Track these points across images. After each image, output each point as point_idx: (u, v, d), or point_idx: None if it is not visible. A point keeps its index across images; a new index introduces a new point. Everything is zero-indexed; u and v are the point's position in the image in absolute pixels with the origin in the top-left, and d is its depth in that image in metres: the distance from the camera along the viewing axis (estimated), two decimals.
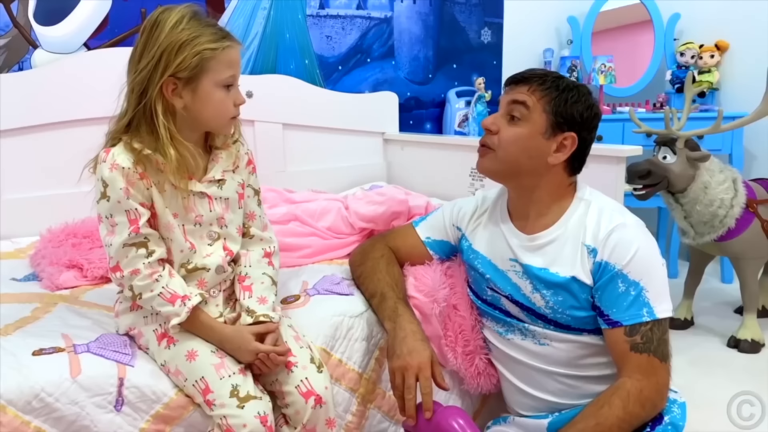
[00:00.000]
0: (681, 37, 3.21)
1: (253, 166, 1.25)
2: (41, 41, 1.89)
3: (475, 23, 2.95)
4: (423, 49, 2.79)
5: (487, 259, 1.33)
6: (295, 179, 2.34)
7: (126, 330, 1.15)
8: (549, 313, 1.23)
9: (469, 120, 2.78)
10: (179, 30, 1.03)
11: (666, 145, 2.11)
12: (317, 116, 2.42)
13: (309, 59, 2.46)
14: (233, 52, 1.08)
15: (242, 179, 1.20)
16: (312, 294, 1.38)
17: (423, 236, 1.45)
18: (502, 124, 1.21)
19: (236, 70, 1.09)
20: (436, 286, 1.40)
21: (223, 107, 1.09)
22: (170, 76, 1.03)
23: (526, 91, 1.19)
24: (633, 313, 1.12)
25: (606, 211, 1.19)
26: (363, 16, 2.57)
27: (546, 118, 1.18)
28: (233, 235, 1.19)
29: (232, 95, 1.10)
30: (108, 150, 1.07)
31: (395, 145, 2.62)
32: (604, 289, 1.15)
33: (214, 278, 1.16)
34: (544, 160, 1.19)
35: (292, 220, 1.69)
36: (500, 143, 1.20)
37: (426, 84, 2.83)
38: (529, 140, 1.18)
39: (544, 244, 1.23)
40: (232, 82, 1.09)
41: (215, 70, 1.05)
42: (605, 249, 1.15)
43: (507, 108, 1.21)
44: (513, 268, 1.28)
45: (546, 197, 1.23)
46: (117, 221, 1.06)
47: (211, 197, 1.15)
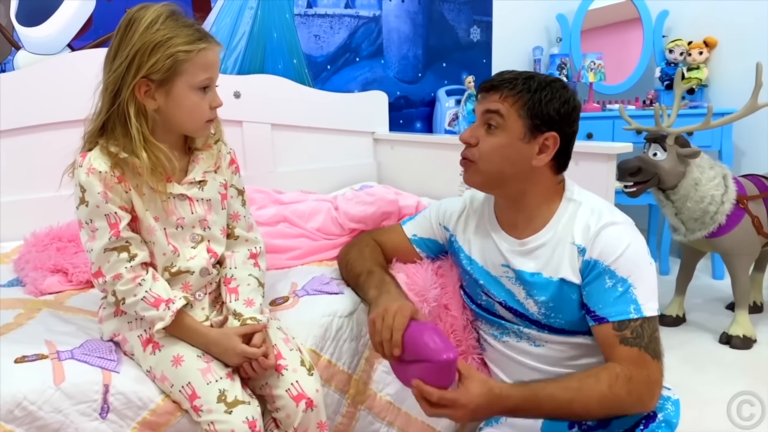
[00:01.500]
0: (669, 34, 3.21)
1: (236, 165, 1.24)
2: (24, 42, 1.85)
3: (464, 21, 2.94)
4: (412, 48, 2.78)
5: (479, 265, 1.31)
6: (284, 180, 2.32)
7: (110, 336, 1.13)
8: (542, 319, 1.22)
9: (459, 119, 2.77)
10: (154, 30, 1.01)
11: (656, 142, 2.11)
12: (306, 116, 2.41)
13: (297, 59, 2.44)
14: (209, 54, 1.05)
15: (224, 179, 1.18)
16: (301, 295, 1.36)
17: (409, 234, 1.43)
18: (480, 135, 1.19)
19: (212, 72, 1.07)
20: (426, 285, 1.39)
21: (197, 111, 1.07)
22: (143, 77, 1.01)
23: (498, 98, 1.16)
24: (620, 309, 1.10)
25: (595, 210, 1.18)
26: (351, 15, 2.56)
27: (522, 123, 1.15)
28: (217, 236, 1.17)
29: (209, 98, 1.08)
30: (84, 154, 1.05)
31: (385, 144, 2.60)
32: (591, 285, 1.14)
33: (199, 281, 1.14)
34: (528, 164, 1.17)
35: (281, 221, 1.67)
36: (480, 155, 1.18)
37: (415, 83, 2.82)
38: (508, 148, 1.16)
39: (535, 248, 1.22)
40: (207, 85, 1.06)
41: (189, 72, 1.03)
42: (594, 247, 1.14)
43: (482, 118, 1.19)
44: (506, 274, 1.26)
45: (535, 201, 1.22)
46: (97, 226, 1.04)
47: (192, 199, 1.13)
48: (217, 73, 1.09)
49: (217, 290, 1.19)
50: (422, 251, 1.44)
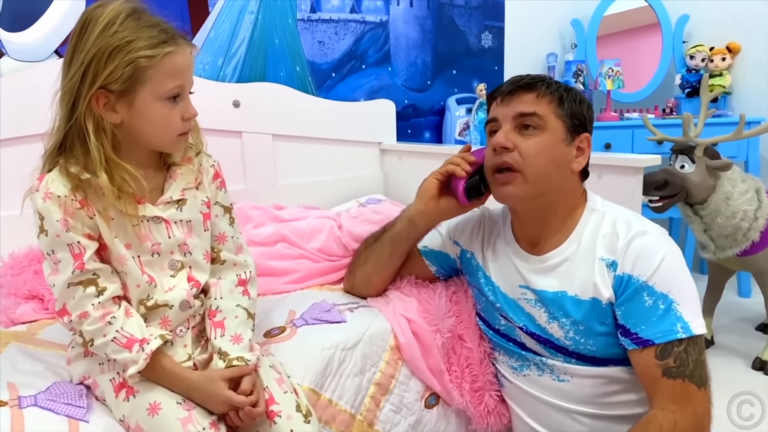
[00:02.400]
0: (690, 40, 3.07)
1: (221, 179, 1.09)
2: (7, 48, 1.74)
3: (475, 27, 2.81)
4: (421, 55, 2.65)
5: (495, 285, 1.19)
6: (286, 193, 2.20)
7: (80, 379, 0.99)
8: (570, 345, 1.09)
9: (470, 128, 2.64)
10: (111, 32, 0.86)
11: (684, 154, 1.97)
12: (309, 126, 2.28)
13: (300, 66, 2.31)
14: (178, 58, 0.91)
15: (207, 196, 1.05)
16: (299, 325, 1.23)
17: (419, 245, 1.32)
18: (516, 139, 1.07)
19: (183, 79, 0.93)
20: (440, 314, 1.26)
21: (166, 124, 0.93)
22: (100, 88, 0.88)
23: (535, 98, 1.07)
24: (665, 329, 0.98)
25: (622, 220, 1.07)
26: (357, 21, 2.44)
27: (562, 124, 1.07)
28: (199, 262, 1.03)
29: (180, 108, 0.93)
30: (42, 176, 0.92)
31: (392, 155, 2.48)
32: (628, 304, 1.02)
33: (179, 315, 1.00)
34: (569, 168, 1.08)
35: (280, 241, 1.54)
36: (525, 158, 1.05)
37: (424, 91, 2.69)
38: (554, 149, 1.06)
39: (557, 264, 1.10)
40: (178, 93, 0.92)
41: (154, 81, 0.89)
42: (626, 260, 1.02)
43: (514, 122, 1.07)
44: (524, 296, 1.14)
45: (562, 213, 1.12)
46: (59, 257, 0.91)
47: (168, 221, 0.99)
48: (189, 80, 0.95)
49: (202, 323, 1.05)
50: (432, 264, 1.33)
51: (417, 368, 1.25)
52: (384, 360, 1.24)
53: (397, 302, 1.28)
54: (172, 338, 0.99)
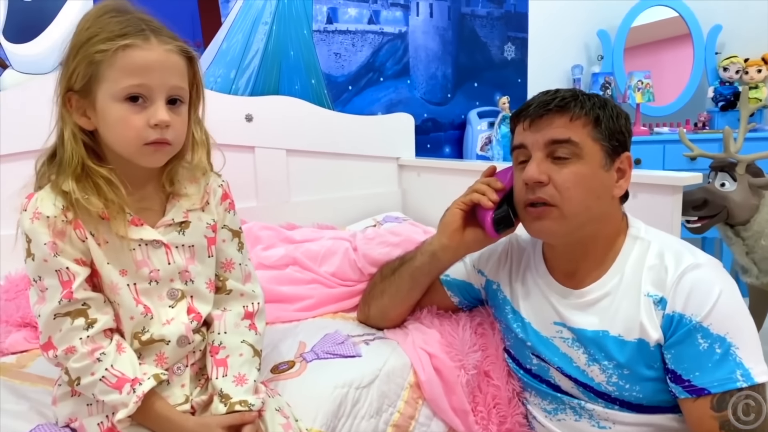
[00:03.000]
0: (723, 51, 2.94)
1: (231, 201, 0.99)
2: (11, 60, 1.67)
3: (497, 38, 2.72)
4: (441, 67, 2.56)
5: (526, 321, 1.07)
6: (299, 211, 2.11)
7: (66, 421, 0.89)
8: (612, 391, 0.97)
9: (492, 143, 2.53)
10: (83, 29, 0.80)
11: (724, 171, 1.84)
12: (325, 141, 2.19)
13: (316, 78, 2.23)
14: (137, 53, 0.79)
15: (213, 219, 0.94)
16: (310, 359, 1.12)
17: (441, 274, 1.21)
18: (549, 170, 0.94)
19: (144, 77, 0.79)
20: (464, 348, 1.15)
21: (125, 128, 0.81)
22: (68, 89, 0.81)
23: (568, 122, 0.93)
24: (723, 376, 0.87)
25: (670, 250, 0.95)
26: (375, 32, 2.35)
27: (600, 147, 0.94)
28: (202, 291, 0.93)
29: (147, 113, 0.81)
30: (31, 195, 0.83)
31: (411, 171, 2.37)
32: (679, 347, 0.90)
33: (177, 352, 0.90)
34: (610, 196, 0.96)
35: (291, 264, 1.44)
36: (561, 192, 0.93)
37: (444, 104, 2.59)
38: (593, 179, 0.94)
39: (597, 300, 0.99)
40: (136, 93, 0.80)
41: (109, 78, 0.78)
42: (677, 298, 0.90)
43: (545, 150, 0.95)
44: (560, 334, 1.02)
45: (602, 242, 1.00)
46: (46, 285, 0.81)
47: (168, 246, 0.89)
48: (157, 79, 0.81)
49: (202, 360, 0.95)
50: (455, 295, 1.22)
51: (439, 408, 1.13)
52: (403, 399, 1.13)
53: (416, 334, 1.17)
54: (168, 377, 0.88)
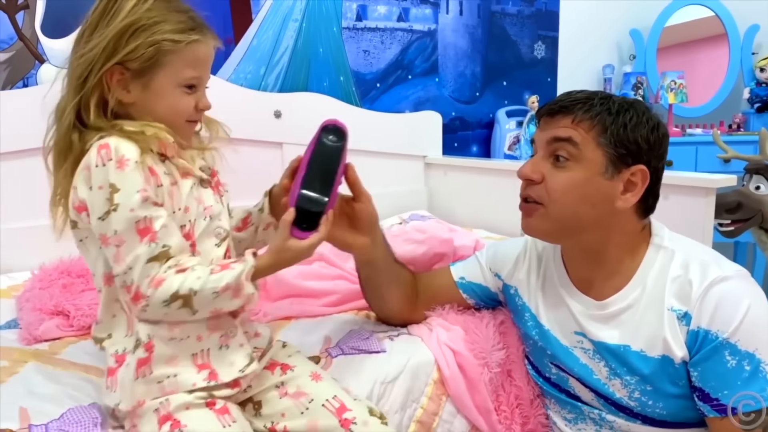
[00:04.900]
0: (760, 51, 2.87)
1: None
2: (48, 55, 1.72)
3: (527, 37, 2.69)
4: (470, 65, 2.55)
5: (545, 328, 1.06)
6: None
7: (134, 405, 0.86)
8: (635, 406, 0.95)
9: (520, 142, 2.51)
10: (143, 10, 0.83)
11: (759, 174, 1.80)
12: (352, 138, 2.15)
13: (344, 76, 2.24)
14: (201, 48, 0.87)
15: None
16: (335, 354, 1.13)
17: (456, 276, 1.20)
18: (545, 170, 0.94)
19: (202, 71, 0.88)
20: (488, 346, 1.14)
21: (180, 107, 0.88)
22: (117, 63, 0.82)
23: (570, 123, 0.92)
24: (752, 395, 0.84)
25: (695, 260, 0.91)
26: (404, 29, 2.35)
27: (603, 153, 0.91)
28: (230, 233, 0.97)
29: (196, 97, 0.89)
30: (102, 146, 0.80)
31: (438, 169, 2.37)
32: (705, 364, 0.87)
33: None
34: (611, 206, 0.92)
35: (317, 260, 1.44)
36: (550, 194, 0.93)
37: (473, 103, 2.58)
38: (587, 185, 0.91)
39: (618, 313, 0.96)
40: (195, 84, 0.88)
41: (174, 66, 0.85)
42: (702, 312, 0.87)
43: (547, 148, 0.94)
44: (580, 345, 1.00)
45: (616, 253, 0.96)
46: (139, 227, 0.80)
47: (215, 186, 0.95)
48: (207, 73, 0.91)
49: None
50: (470, 297, 1.21)
51: (463, 405, 1.13)
52: (426, 395, 1.12)
53: (440, 331, 1.17)
54: (225, 341, 0.89)
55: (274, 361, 0.97)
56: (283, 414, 0.92)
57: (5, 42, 1.65)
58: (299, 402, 0.92)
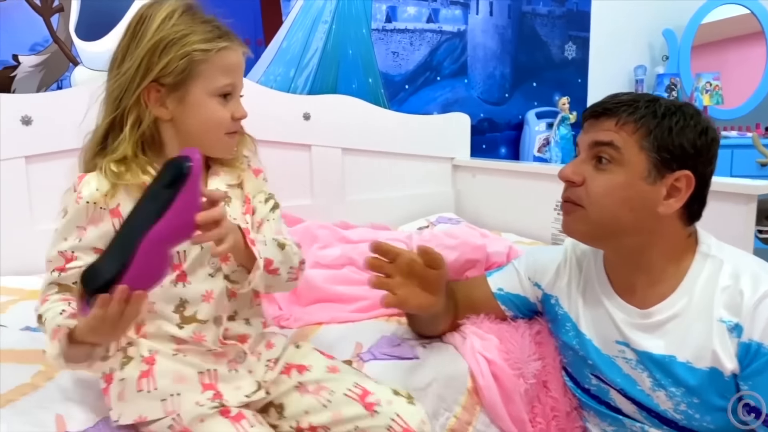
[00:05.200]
0: None
1: (264, 176, 1.03)
2: (82, 57, 1.73)
3: (558, 37, 2.65)
4: (499, 66, 2.51)
5: (586, 338, 1.03)
6: (353, 209, 2.11)
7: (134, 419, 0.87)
8: (680, 419, 0.92)
9: (550, 144, 2.47)
10: (168, 26, 0.85)
11: None
12: (380, 140, 2.19)
13: (373, 77, 2.22)
14: (231, 55, 0.89)
15: (248, 192, 0.98)
16: (367, 359, 1.12)
17: (494, 287, 1.18)
18: (587, 172, 0.93)
19: (235, 77, 0.90)
20: (524, 356, 1.12)
21: (216, 120, 0.89)
22: (153, 81, 0.85)
23: (614, 126, 0.91)
24: None
25: (747, 271, 0.89)
26: (434, 30, 2.33)
27: (646, 158, 0.89)
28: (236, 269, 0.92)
29: (231, 107, 0.90)
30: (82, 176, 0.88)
31: (466, 171, 2.35)
32: (758, 378, 0.85)
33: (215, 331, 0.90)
34: (653, 211, 0.90)
35: (347, 264, 1.43)
36: (590, 197, 0.92)
37: (502, 104, 2.55)
38: (627, 189, 0.90)
39: (664, 322, 0.93)
40: (229, 91, 0.90)
41: (207, 75, 0.86)
42: (755, 325, 0.84)
43: (590, 151, 0.93)
44: (622, 354, 0.98)
45: (659, 259, 0.94)
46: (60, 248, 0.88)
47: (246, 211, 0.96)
48: (240, 79, 0.92)
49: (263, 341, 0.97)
50: (509, 309, 1.19)
51: (497, 415, 1.11)
52: (460, 404, 1.11)
53: (475, 339, 1.15)
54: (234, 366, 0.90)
55: (289, 365, 0.97)
56: (307, 411, 0.92)
57: (40, 45, 1.67)
58: (320, 397, 0.92)
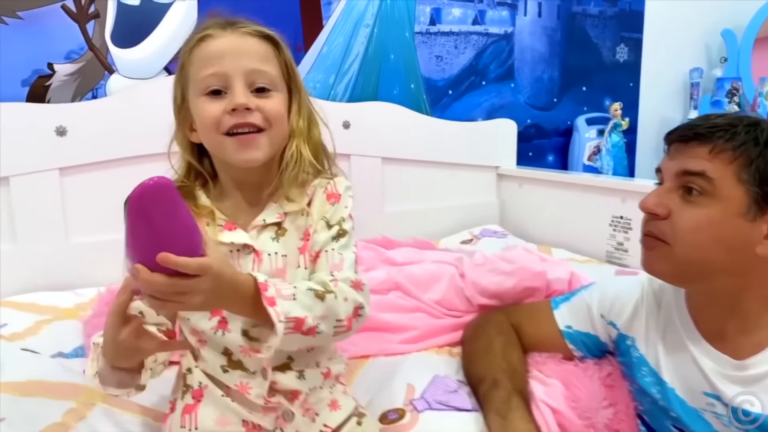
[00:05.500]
0: None
1: (338, 197, 0.83)
2: (118, 65, 1.67)
3: (609, 39, 2.51)
4: (547, 70, 2.39)
5: (668, 386, 0.92)
6: (392, 221, 2.02)
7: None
8: None
9: (601, 152, 2.34)
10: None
11: None
12: (421, 148, 2.10)
13: (415, 83, 2.12)
14: (212, 43, 0.76)
15: (310, 223, 0.81)
16: (421, 408, 1.02)
17: (562, 324, 1.07)
18: (673, 204, 0.81)
19: (217, 64, 0.74)
20: (593, 404, 1.01)
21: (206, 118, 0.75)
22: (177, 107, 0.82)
23: (707, 154, 0.79)
24: None
25: None
26: (480, 33, 2.21)
27: (745, 191, 0.78)
28: None
29: (225, 101, 0.75)
30: None
31: (511, 181, 2.24)
32: None
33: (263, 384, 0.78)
34: (750, 251, 0.79)
35: (393, 289, 1.34)
36: (677, 233, 0.81)
37: (550, 109, 2.43)
38: (722, 226, 0.79)
39: (763, 376, 0.82)
40: (216, 86, 0.75)
41: (192, 75, 0.77)
42: None
43: (676, 180, 0.82)
44: (711, 408, 0.87)
45: (755, 304, 0.83)
46: None
47: (258, 253, 0.78)
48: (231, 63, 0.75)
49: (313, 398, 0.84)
50: (577, 349, 1.08)
51: None
52: None
53: (537, 385, 1.04)
54: (280, 424, 0.80)
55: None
56: None
57: (75, 52, 1.61)
58: None
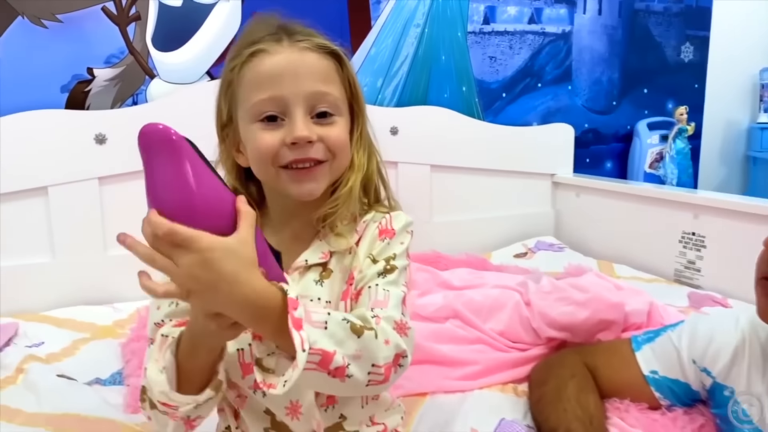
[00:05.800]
0: None
1: (390, 234, 0.70)
2: (159, 70, 1.59)
3: (674, 38, 2.34)
4: (607, 71, 2.24)
5: None
6: (441, 232, 1.92)
7: None
8: None
9: (665, 159, 2.19)
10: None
11: None
12: (472, 155, 1.98)
13: (467, 85, 2.01)
14: (266, 60, 0.64)
15: (355, 264, 0.68)
16: None
17: (646, 368, 0.95)
18: None
19: (273, 87, 0.63)
20: None
21: (260, 149, 0.64)
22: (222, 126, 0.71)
23: None
24: None
25: None
26: (536, 32, 2.08)
27: None
28: None
29: (284, 130, 0.63)
30: None
31: (568, 190, 2.10)
32: None
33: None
34: None
35: (451, 317, 1.23)
36: None
37: (608, 113, 2.28)
38: None
39: None
40: (272, 112, 0.63)
41: (242, 97, 0.66)
42: None
43: None
44: None
45: None
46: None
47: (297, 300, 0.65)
48: (289, 86, 0.63)
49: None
50: (664, 397, 0.95)
51: None
52: None
53: None
54: None
55: None
56: None
57: (115, 56, 1.54)
58: None
